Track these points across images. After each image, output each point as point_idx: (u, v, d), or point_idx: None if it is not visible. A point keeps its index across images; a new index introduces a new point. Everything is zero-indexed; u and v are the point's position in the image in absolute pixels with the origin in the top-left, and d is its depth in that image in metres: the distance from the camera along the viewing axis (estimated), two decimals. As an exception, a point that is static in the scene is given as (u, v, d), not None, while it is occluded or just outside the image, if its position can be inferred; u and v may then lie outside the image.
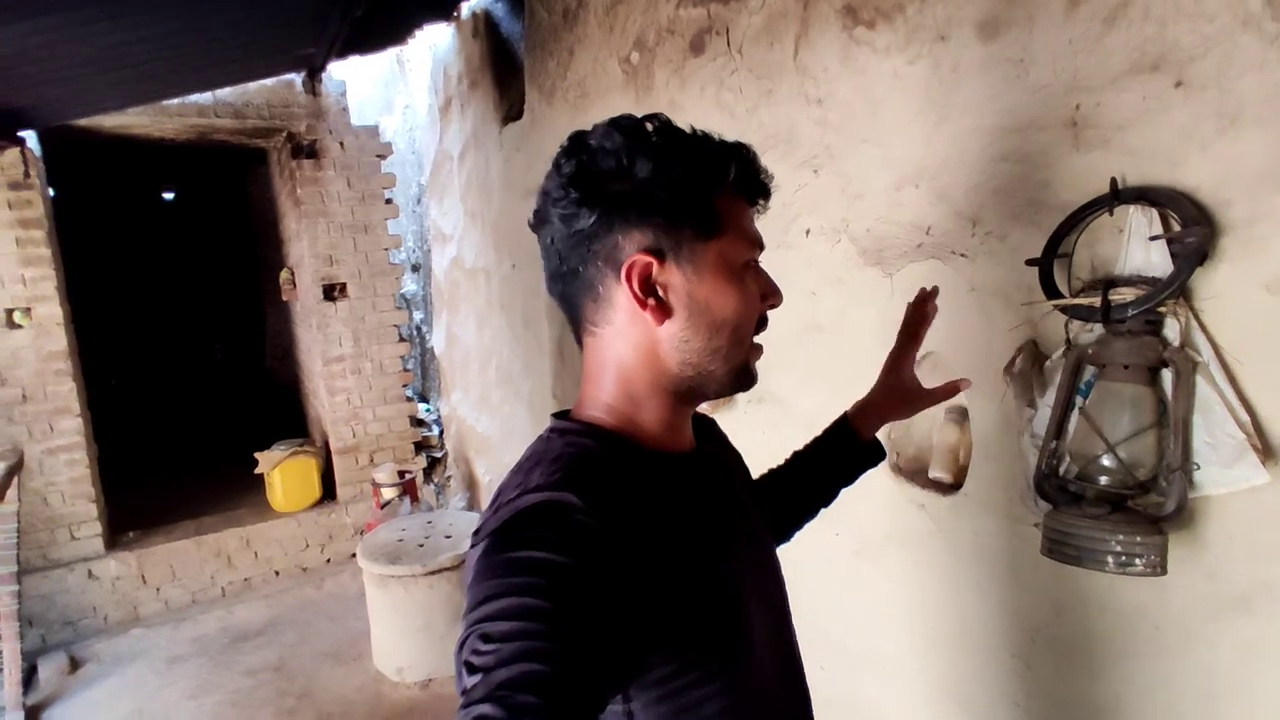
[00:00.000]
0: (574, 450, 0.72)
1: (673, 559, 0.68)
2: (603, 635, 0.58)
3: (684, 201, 0.70)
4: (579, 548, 0.60)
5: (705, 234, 0.70)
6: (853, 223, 1.47)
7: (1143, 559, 0.93)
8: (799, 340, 1.63)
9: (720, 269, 0.71)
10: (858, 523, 1.55)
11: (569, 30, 2.41)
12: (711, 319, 0.71)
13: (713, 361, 0.72)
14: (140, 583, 3.58)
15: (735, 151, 0.72)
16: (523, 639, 0.55)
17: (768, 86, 1.63)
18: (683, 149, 0.70)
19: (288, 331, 5.01)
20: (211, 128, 3.56)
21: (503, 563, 0.60)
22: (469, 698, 0.53)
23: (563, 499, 0.64)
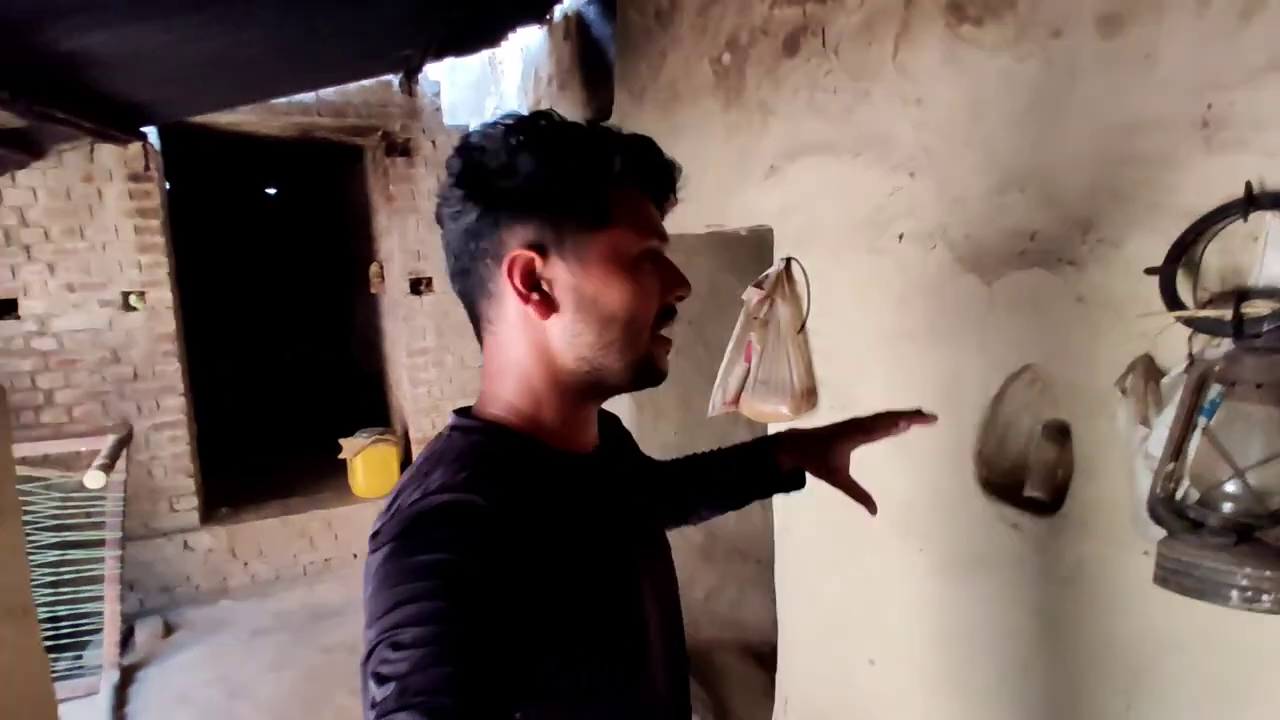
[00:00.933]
0: (475, 449, 0.71)
1: (572, 558, 0.69)
2: (507, 634, 0.59)
3: (566, 195, 0.70)
4: (479, 548, 0.61)
5: (591, 226, 0.70)
6: (950, 228, 1.41)
7: (1271, 595, 0.85)
8: (888, 349, 1.58)
9: (608, 261, 0.70)
10: (941, 540, 1.49)
11: (661, 32, 2.41)
12: (600, 312, 0.71)
13: (607, 356, 0.71)
14: (230, 556, 3.77)
15: (625, 143, 0.72)
16: (432, 643, 0.54)
17: (864, 88, 1.59)
18: (567, 143, 0.70)
19: (373, 323, 5.20)
20: (313, 126, 3.73)
21: (403, 568, 0.59)
22: (382, 708, 0.53)
23: (462, 500, 0.64)
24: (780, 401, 1.79)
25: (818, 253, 1.76)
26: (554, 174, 0.69)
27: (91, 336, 3.52)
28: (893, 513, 1.59)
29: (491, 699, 0.55)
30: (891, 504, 1.59)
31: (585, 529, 0.72)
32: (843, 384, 1.72)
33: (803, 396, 1.78)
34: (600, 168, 0.70)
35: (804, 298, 1.80)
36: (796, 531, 1.96)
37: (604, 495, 0.78)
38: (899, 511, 1.57)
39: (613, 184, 0.71)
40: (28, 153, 3.14)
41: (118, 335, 3.55)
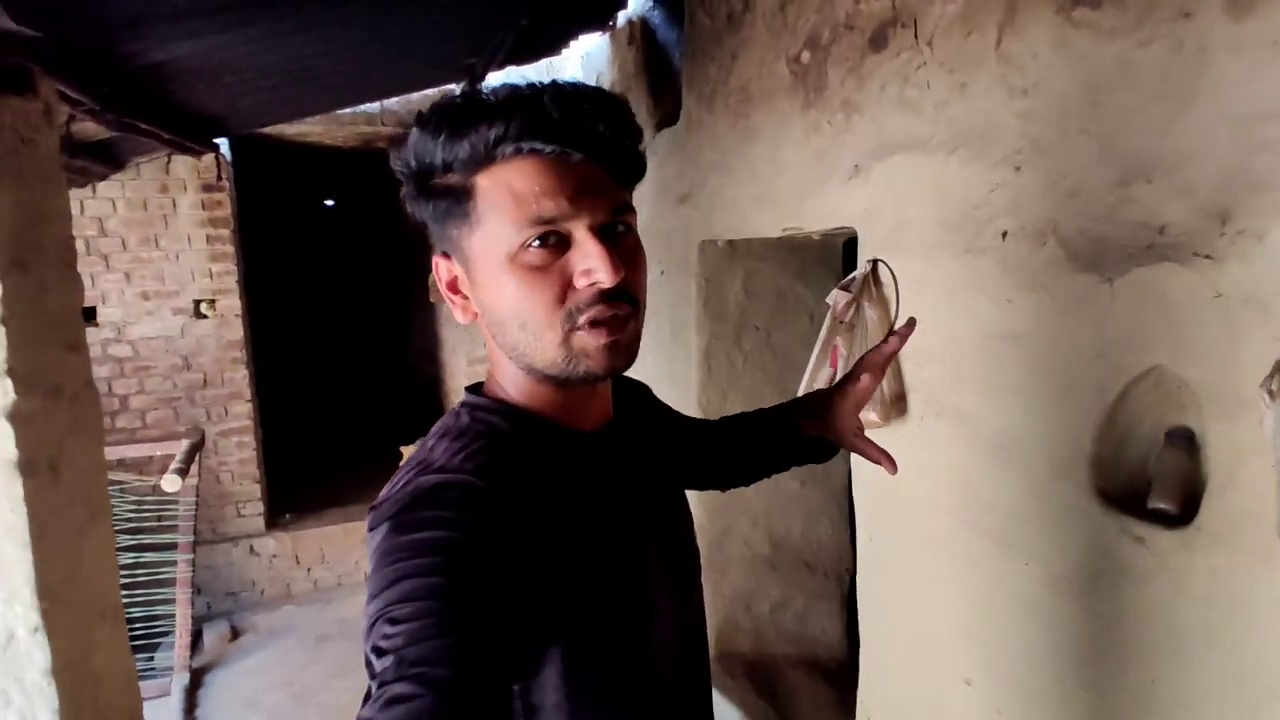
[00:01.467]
0: (480, 427, 0.71)
1: (572, 537, 0.68)
2: (505, 610, 0.59)
3: (436, 196, 0.66)
4: (476, 524, 0.61)
5: (465, 228, 0.65)
6: (1063, 223, 1.34)
7: None
8: (988, 352, 1.51)
9: (483, 262, 0.65)
10: (1051, 553, 1.41)
11: (732, 34, 2.38)
12: (494, 317, 0.68)
13: (525, 357, 0.68)
14: (294, 562, 3.82)
15: (486, 110, 0.62)
16: (429, 616, 0.55)
17: (961, 80, 1.53)
18: (438, 129, 0.64)
19: (431, 332, 5.25)
20: (376, 135, 3.79)
21: (402, 545, 0.60)
22: (381, 679, 0.53)
23: (460, 479, 0.64)
24: (868, 408, 1.73)
25: (907, 254, 1.70)
26: (417, 175, 0.66)
27: (165, 343, 3.62)
28: (995, 524, 1.51)
29: (487, 672, 0.55)
30: (994, 515, 1.52)
31: (586, 506, 0.71)
32: (936, 389, 1.65)
33: (892, 403, 1.72)
34: (463, 158, 0.63)
35: (892, 300, 1.74)
36: (881, 542, 1.88)
37: (609, 473, 0.76)
38: (1002, 523, 1.49)
39: (483, 169, 0.63)
40: (108, 164, 3.24)
41: (189, 342, 3.65)
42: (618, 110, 0.67)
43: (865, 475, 1.92)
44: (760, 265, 2.88)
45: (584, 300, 0.64)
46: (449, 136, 0.63)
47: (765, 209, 2.29)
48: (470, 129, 0.62)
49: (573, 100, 0.63)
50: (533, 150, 0.62)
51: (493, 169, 0.63)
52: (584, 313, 0.64)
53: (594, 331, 0.65)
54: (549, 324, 0.65)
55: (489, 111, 0.62)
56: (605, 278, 0.63)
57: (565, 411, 0.73)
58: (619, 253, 0.64)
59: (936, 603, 1.71)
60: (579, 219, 0.63)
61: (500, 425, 0.71)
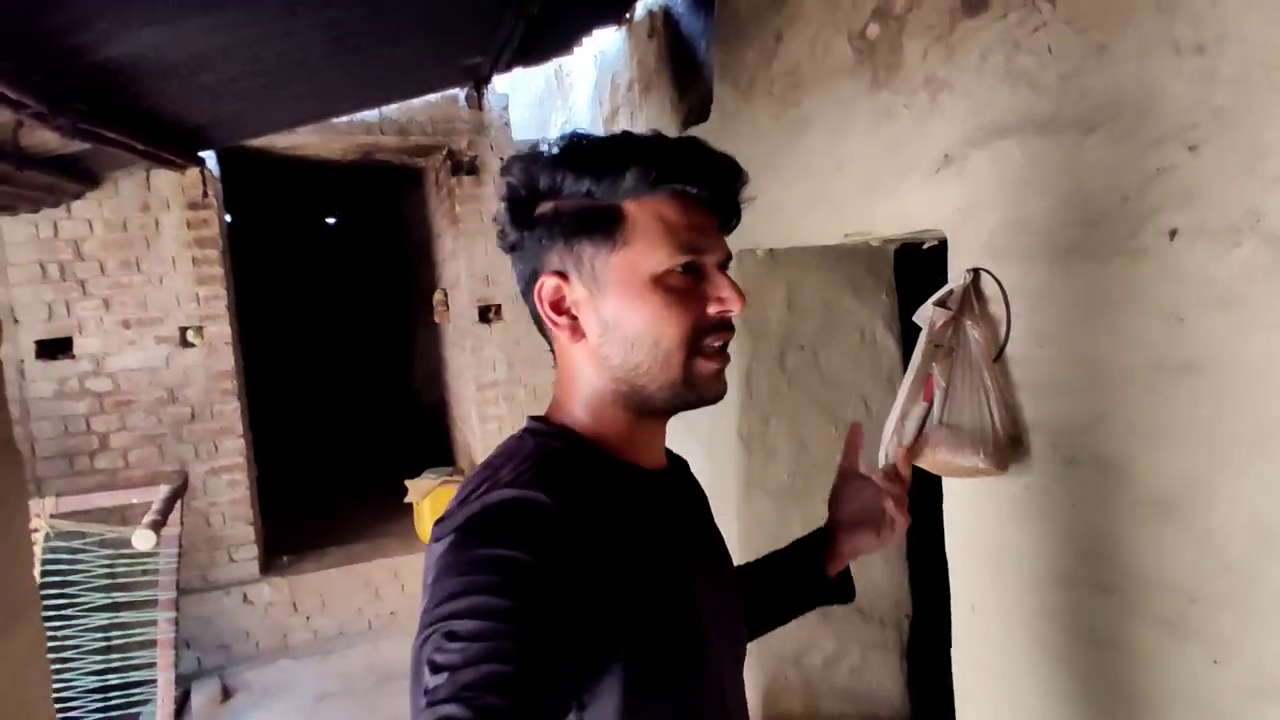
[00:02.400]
0: (545, 451, 0.72)
1: (637, 567, 0.69)
2: (567, 637, 0.59)
3: (576, 217, 0.70)
4: (546, 547, 0.61)
5: (606, 247, 0.70)
6: (1271, 215, 1.01)
7: None
8: (1149, 383, 1.18)
9: (625, 284, 0.70)
10: (1255, 651, 1.07)
11: (776, 13, 2.08)
12: (623, 335, 0.71)
13: (640, 378, 0.71)
14: (291, 610, 3.50)
15: (653, 151, 0.70)
16: (489, 639, 0.54)
17: (1099, 40, 1.21)
18: (579, 160, 0.70)
19: (436, 354, 4.95)
20: (376, 146, 3.51)
21: (469, 560, 0.60)
22: (433, 696, 0.52)
23: (531, 497, 0.64)
24: (975, 451, 1.40)
25: (1022, 261, 1.38)
26: (566, 196, 0.71)
27: (148, 375, 3.32)
28: (1163, 606, 1.18)
29: (542, 700, 0.54)
30: (1157, 593, 1.18)
31: (645, 539, 0.72)
32: (1070, 430, 1.31)
33: (1008, 445, 1.39)
34: (611, 185, 0.70)
35: (1002, 318, 1.42)
36: (989, 614, 1.54)
37: (666, 511, 0.78)
38: (1176, 605, 1.16)
39: (632, 197, 0.70)
40: (81, 181, 2.95)
41: (175, 374, 3.35)
42: (742, 179, 0.76)
43: (964, 530, 1.59)
44: (805, 276, 2.57)
45: (712, 324, 0.72)
46: (600, 166, 0.70)
47: (821, 212, 1.97)
48: (629, 162, 0.69)
49: (712, 155, 0.73)
50: (684, 191, 0.71)
51: (643, 199, 0.70)
52: (711, 335, 0.72)
53: (711, 359, 0.73)
54: (680, 344, 0.71)
55: (646, 148, 0.71)
56: (736, 306, 0.73)
57: (628, 445, 0.76)
58: None
59: (1065, 698, 1.37)
60: (712, 255, 0.73)
61: (564, 451, 0.73)
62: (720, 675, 0.76)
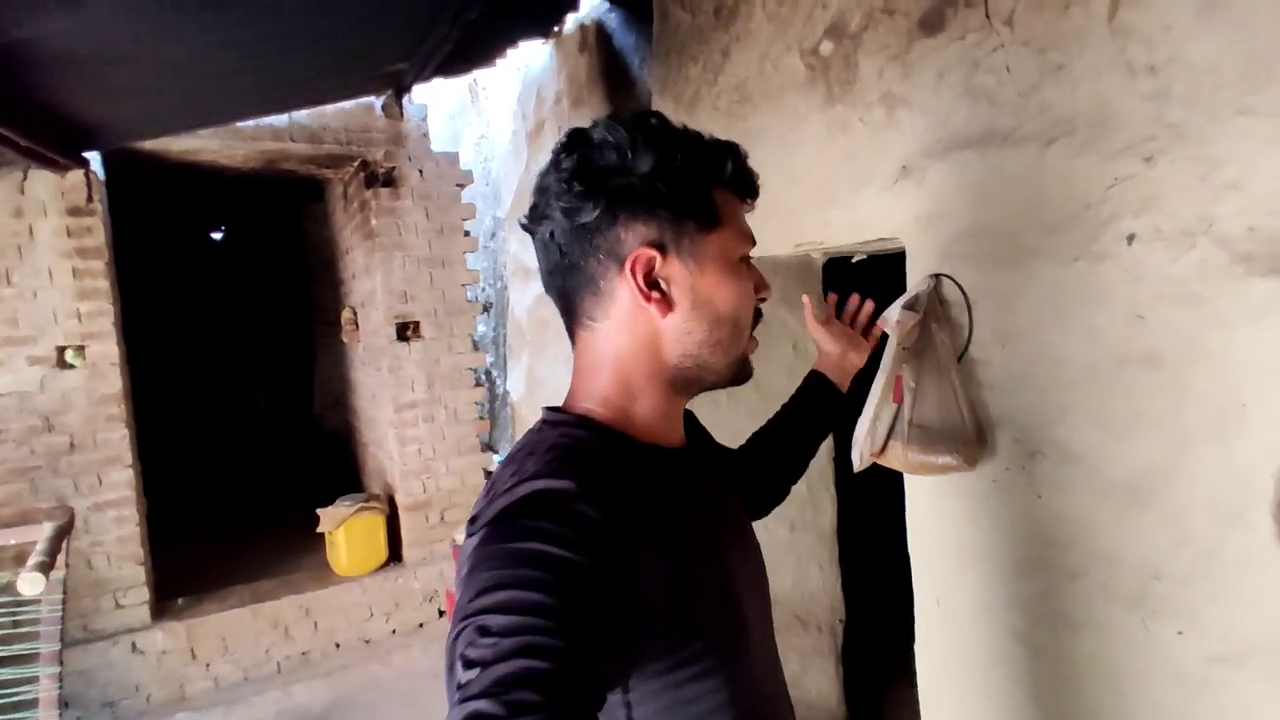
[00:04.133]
0: (568, 440, 0.72)
1: (670, 550, 0.68)
2: (602, 629, 0.58)
3: (686, 195, 0.72)
4: (578, 539, 0.60)
5: (706, 227, 0.73)
6: (1222, 221, 1.11)
7: None
8: (1110, 378, 1.27)
9: (720, 262, 0.74)
10: (1215, 621, 1.16)
11: (722, 29, 2.12)
12: (713, 311, 0.74)
13: (713, 354, 0.75)
14: (189, 658, 3.18)
15: (730, 148, 0.76)
16: (522, 634, 0.54)
17: (1057, 61, 1.30)
18: (682, 143, 0.73)
19: (341, 376, 4.69)
20: (283, 154, 3.30)
21: (501, 553, 0.60)
22: (466, 692, 0.52)
23: (560, 486, 0.64)
24: (947, 449, 1.46)
25: (983, 266, 1.45)
26: (675, 174, 0.71)
27: (19, 401, 2.95)
28: (1130, 585, 1.26)
29: (576, 695, 0.54)
30: (1124, 573, 1.27)
31: (676, 520, 0.72)
32: (1034, 424, 1.39)
33: (975, 442, 1.46)
34: (713, 170, 0.75)
35: (964, 321, 1.49)
36: (953, 607, 1.60)
37: (693, 488, 0.80)
38: (1141, 583, 1.24)
39: (719, 186, 0.75)
40: (-58, 183, 2.61)
41: (51, 399, 3.00)
42: None
43: (928, 527, 1.65)
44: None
45: (756, 311, 0.81)
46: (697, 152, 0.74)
47: (774, 223, 2.01)
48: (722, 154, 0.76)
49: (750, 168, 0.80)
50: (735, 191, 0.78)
51: (724, 190, 0.76)
52: (755, 322, 0.81)
53: (754, 344, 0.81)
54: (749, 323, 0.78)
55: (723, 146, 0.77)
56: (769, 294, 0.82)
57: (655, 426, 0.77)
58: None
59: (1038, 685, 1.44)
60: (753, 248, 0.80)
61: (587, 439, 0.73)
62: (758, 645, 0.78)
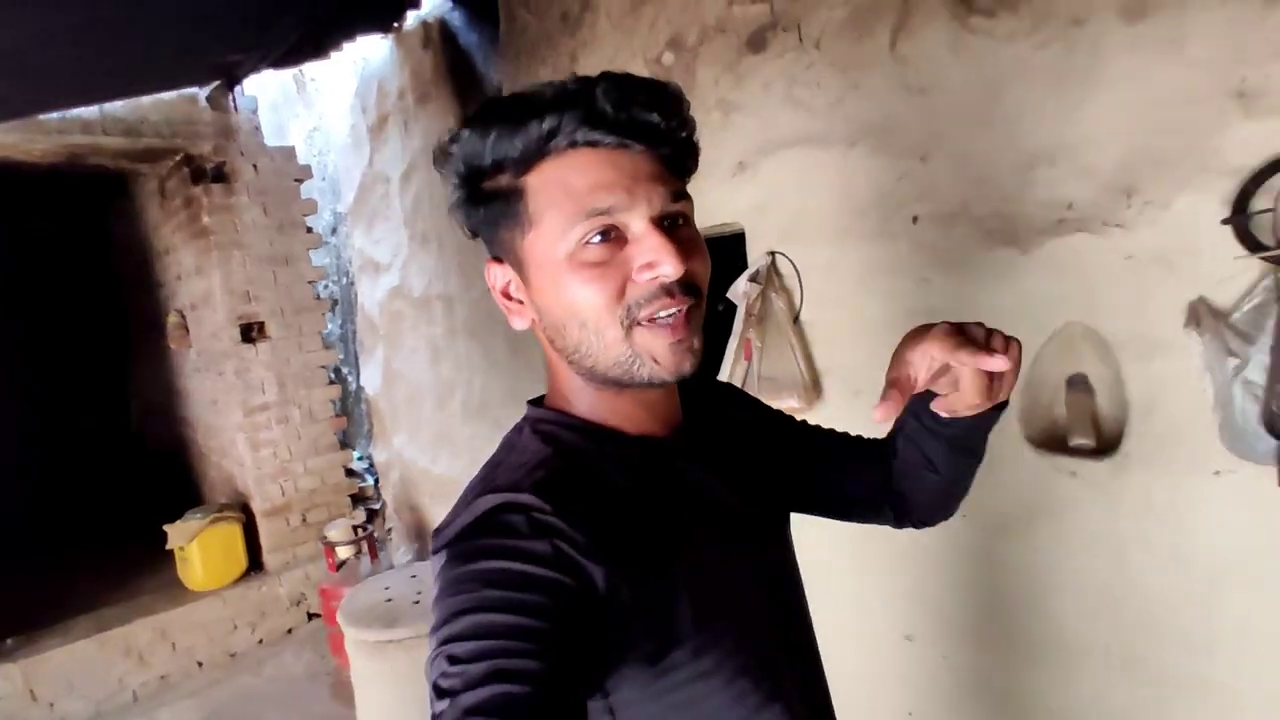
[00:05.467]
0: (542, 441, 0.69)
1: (642, 555, 0.64)
2: (571, 640, 0.56)
3: (481, 202, 0.65)
4: (539, 553, 0.58)
5: (518, 230, 0.64)
6: (975, 204, 1.50)
7: (1406, 478, 1.00)
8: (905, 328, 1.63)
9: (543, 266, 0.64)
10: (988, 503, 1.57)
11: (569, 35, 2.32)
12: (552, 320, 0.66)
13: (586, 359, 0.66)
14: (28, 700, 2.92)
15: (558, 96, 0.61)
16: (489, 658, 0.53)
17: (854, 79, 1.64)
18: (481, 132, 0.63)
19: (167, 386, 4.38)
20: (94, 148, 3.07)
21: (462, 576, 0.58)
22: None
23: (522, 500, 0.61)
24: (790, 394, 1.79)
25: (809, 244, 1.79)
26: (467, 179, 0.65)
27: None
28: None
29: (551, 712, 0.53)
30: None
31: (663, 517, 0.68)
32: (854, 371, 1.75)
33: (811, 387, 1.79)
34: (527, 147, 0.61)
35: (796, 290, 1.82)
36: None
37: (684, 480, 0.72)
38: (938, 482, 1.63)
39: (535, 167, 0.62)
40: None
41: None
42: (672, 100, 0.65)
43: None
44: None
45: (645, 294, 0.62)
46: (499, 134, 0.62)
47: (627, 213, 2.26)
48: (522, 125, 0.61)
49: (626, 90, 0.62)
50: (587, 142, 0.61)
51: (544, 166, 0.62)
52: (644, 307, 0.63)
53: (658, 330, 0.63)
54: (609, 321, 0.63)
55: (540, 106, 0.60)
56: (670, 268, 0.61)
57: (630, 419, 0.71)
58: (680, 243, 0.63)
59: (872, 567, 1.81)
60: (636, 210, 0.61)
61: (565, 438, 0.69)
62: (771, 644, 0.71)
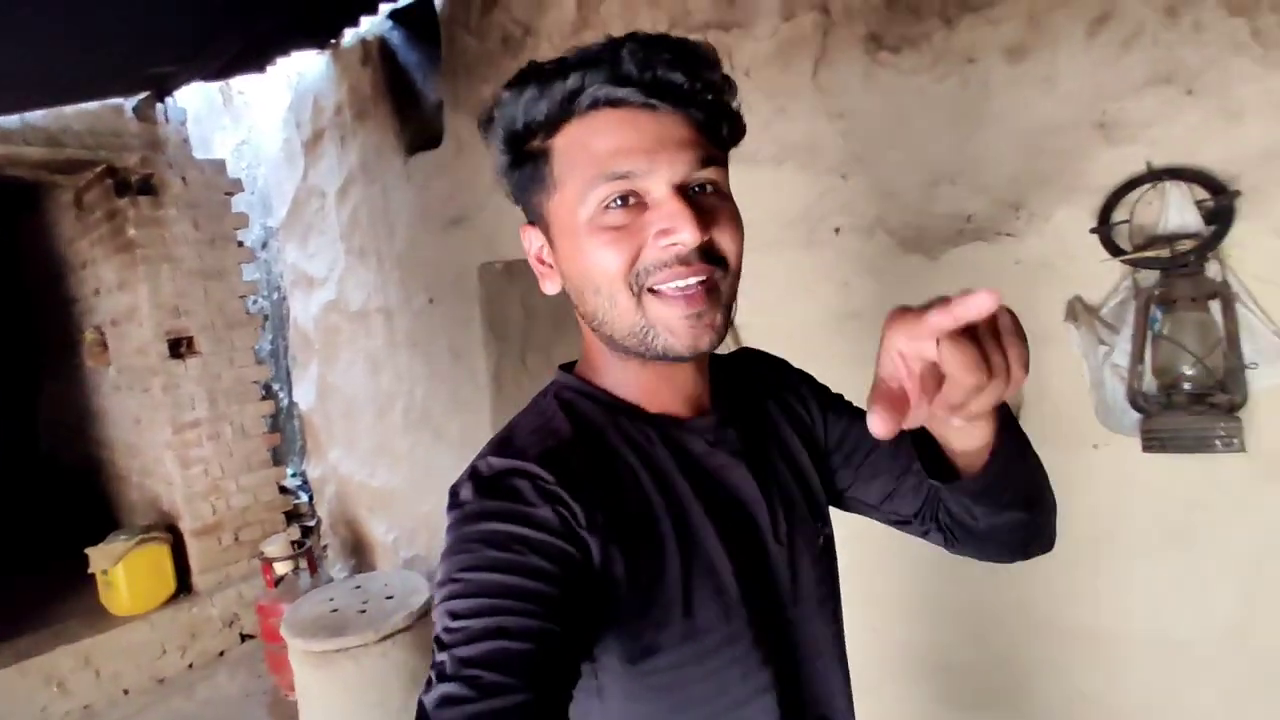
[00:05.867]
0: (559, 409, 0.70)
1: (638, 534, 0.63)
2: (567, 607, 0.57)
3: (516, 165, 0.65)
4: (547, 519, 0.59)
5: (544, 193, 0.64)
6: (888, 217, 1.69)
7: (1236, 439, 1.22)
8: (834, 329, 1.81)
9: (566, 228, 0.63)
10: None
11: (510, 57, 2.43)
12: (573, 285, 0.66)
13: (604, 326, 0.65)
14: (-62, 735, 2.76)
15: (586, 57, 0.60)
16: (489, 615, 0.54)
17: (781, 104, 1.82)
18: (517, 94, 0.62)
19: (81, 406, 4.20)
20: (12, 158, 2.97)
21: (467, 536, 0.59)
22: (438, 672, 0.53)
23: (528, 468, 0.62)
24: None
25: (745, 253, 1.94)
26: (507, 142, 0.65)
27: None
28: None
29: (548, 671, 0.54)
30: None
31: (662, 499, 0.66)
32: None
33: (748, 385, 1.94)
34: (554, 108, 0.61)
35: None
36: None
37: (701, 465, 0.70)
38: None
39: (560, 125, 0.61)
40: None
41: None
42: (702, 60, 0.62)
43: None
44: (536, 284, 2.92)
45: (656, 260, 0.60)
46: (531, 96, 0.61)
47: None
48: (549, 85, 0.60)
49: (653, 49, 0.59)
50: (610, 101, 0.59)
51: (569, 128, 0.61)
52: (655, 274, 0.60)
53: (672, 301, 0.61)
54: (620, 287, 0.61)
55: (567, 66, 0.60)
56: (687, 235, 0.59)
57: (651, 395, 0.69)
58: (702, 211, 0.60)
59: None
60: (657, 175, 0.59)
61: (582, 407, 0.70)
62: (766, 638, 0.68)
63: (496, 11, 2.43)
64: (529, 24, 2.35)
